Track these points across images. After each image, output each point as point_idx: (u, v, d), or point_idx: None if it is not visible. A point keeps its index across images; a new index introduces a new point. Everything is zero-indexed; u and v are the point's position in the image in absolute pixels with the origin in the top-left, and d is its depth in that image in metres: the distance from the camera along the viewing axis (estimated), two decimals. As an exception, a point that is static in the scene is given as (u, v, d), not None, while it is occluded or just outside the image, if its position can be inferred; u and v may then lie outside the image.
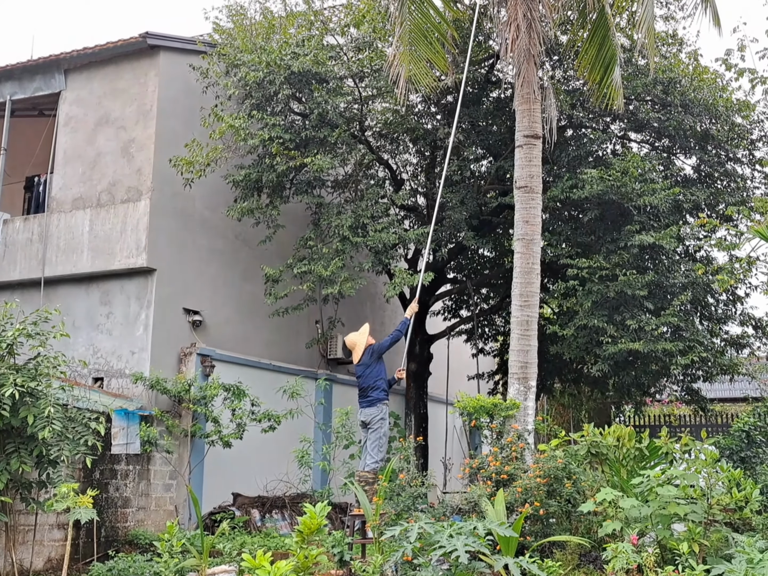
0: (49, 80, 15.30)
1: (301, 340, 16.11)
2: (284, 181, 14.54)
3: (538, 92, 11.57)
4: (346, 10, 15.07)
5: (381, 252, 14.14)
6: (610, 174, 13.69)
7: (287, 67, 13.77)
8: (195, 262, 14.57)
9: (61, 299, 13.87)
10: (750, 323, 15.75)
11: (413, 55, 11.88)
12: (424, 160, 16.90)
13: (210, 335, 14.49)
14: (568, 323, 14.20)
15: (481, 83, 15.71)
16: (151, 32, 14.31)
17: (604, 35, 12.22)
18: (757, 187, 15.83)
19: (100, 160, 14.60)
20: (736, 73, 14.99)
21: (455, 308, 19.15)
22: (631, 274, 13.43)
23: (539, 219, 11.47)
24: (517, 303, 11.05)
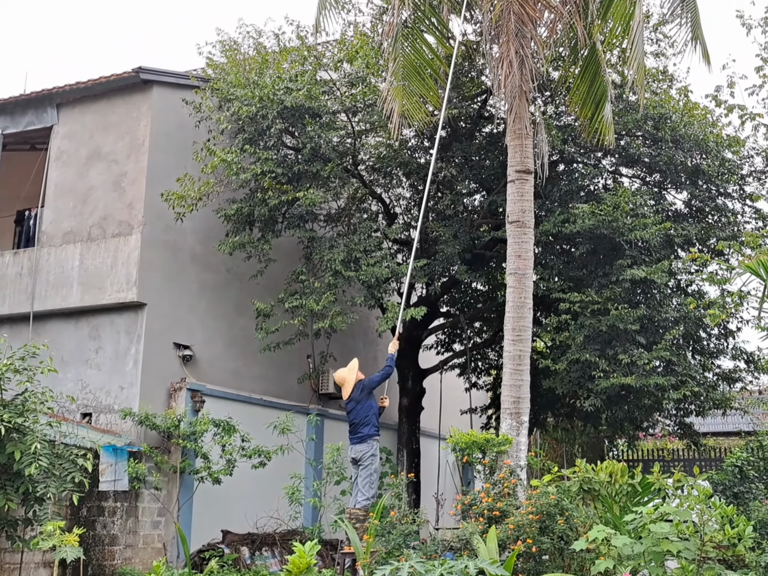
0: (41, 115, 15.33)
1: (292, 375, 16.00)
2: (276, 215, 14.54)
3: (530, 128, 11.63)
4: (339, 46, 15.18)
5: (373, 286, 14.11)
6: (601, 209, 13.73)
7: (280, 102, 13.83)
8: (186, 297, 14.50)
9: (50, 334, 13.78)
10: (742, 357, 15.71)
11: (406, 90, 11.94)
12: (417, 194, 16.93)
13: (200, 370, 14.38)
14: (560, 357, 14.15)
15: (474, 118, 15.80)
16: (144, 67, 14.38)
17: (595, 71, 12.32)
18: (747, 222, 15.89)
19: (92, 194, 14.59)
20: (725, 109, 15.12)
21: (448, 342, 19.08)
22: (623, 308, 13.42)
23: (531, 253, 11.47)
24: (509, 337, 11.00)
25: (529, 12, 10.95)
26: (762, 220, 15.66)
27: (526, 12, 10.91)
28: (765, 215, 15.63)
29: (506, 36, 11.07)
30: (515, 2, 10.81)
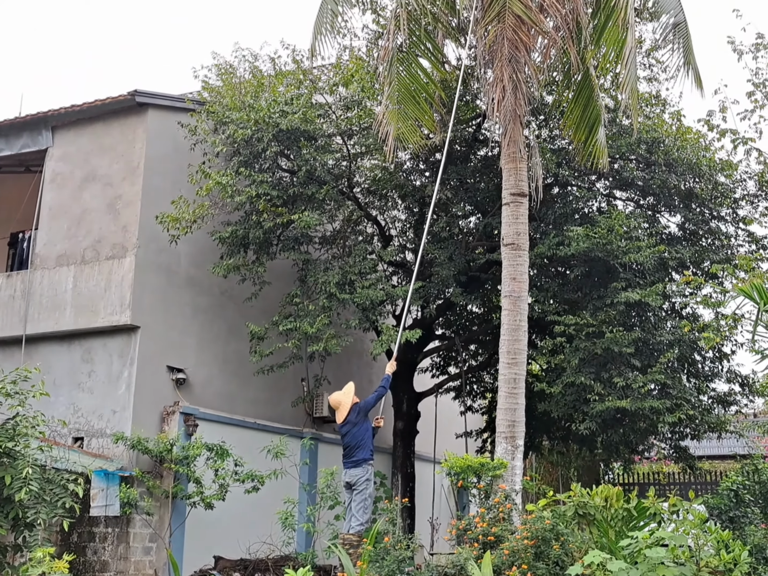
0: (36, 137, 15.34)
1: (286, 399, 15.93)
2: (271, 237, 14.53)
3: (524, 151, 11.67)
4: (335, 70, 15.24)
5: (368, 309, 14.08)
6: (595, 231, 13.76)
7: (276, 125, 13.86)
8: (180, 320, 14.46)
9: (42, 357, 13.70)
10: (736, 381, 15.71)
11: (401, 114, 11.99)
12: (412, 216, 16.96)
13: (194, 393, 14.31)
14: (555, 380, 14.12)
15: (469, 141, 15.86)
16: (140, 90, 14.42)
17: (588, 96, 12.39)
18: (740, 245, 15.93)
19: (86, 216, 14.57)
20: (718, 133, 15.19)
21: (443, 365, 19.04)
22: (618, 331, 13.42)
23: (526, 276, 11.47)
24: (504, 360, 10.98)
25: (522, 38, 11.01)
26: (755, 243, 15.71)
27: (519, 38, 10.98)
28: (758, 238, 15.69)
29: (500, 61, 11.13)
30: (509, 28, 10.88)
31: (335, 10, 12.20)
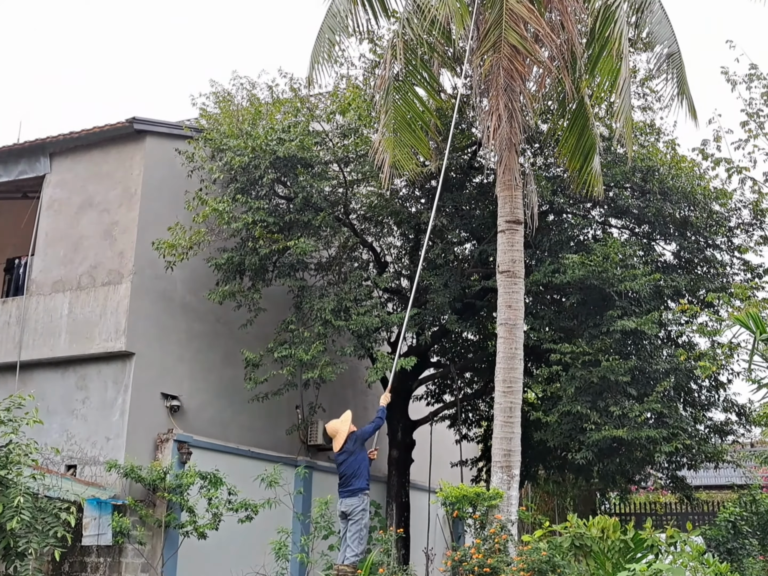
0: (34, 164, 15.37)
1: (281, 426, 15.84)
2: (267, 264, 14.53)
3: (519, 179, 11.73)
4: (332, 98, 15.32)
5: (363, 336, 14.06)
6: (591, 259, 13.78)
7: (273, 152, 13.92)
8: (174, 346, 14.41)
9: (36, 384, 13.64)
10: (733, 410, 15.66)
11: (398, 141, 12.05)
12: (408, 243, 16.99)
13: (188, 421, 14.23)
14: (551, 409, 14.07)
15: (464, 169, 15.93)
16: (138, 117, 14.48)
17: (583, 125, 12.47)
18: (736, 274, 15.96)
19: (82, 242, 14.57)
20: (712, 162, 15.27)
21: (438, 393, 18.96)
22: (614, 359, 13.40)
23: (522, 304, 11.48)
24: (500, 389, 10.95)
25: (518, 67, 11.10)
26: (750, 271, 15.73)
27: (514, 67, 11.06)
28: (753, 267, 15.72)
29: (495, 90, 11.21)
30: (504, 58, 10.96)
31: (332, 40, 12.29)
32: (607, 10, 11.11)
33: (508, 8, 10.89)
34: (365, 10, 12.37)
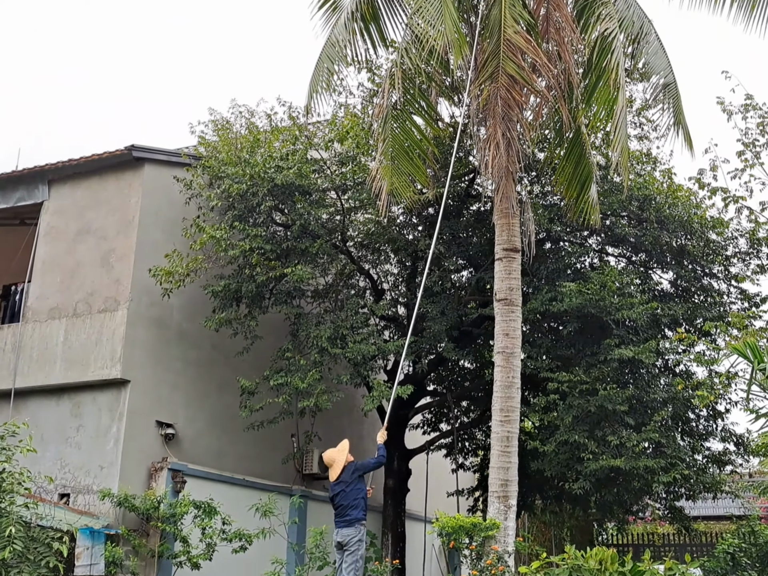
0: (32, 191, 15.39)
1: (276, 455, 15.72)
2: (263, 291, 14.51)
3: (516, 207, 11.74)
4: (330, 126, 15.39)
5: (360, 364, 14.00)
6: (588, 287, 13.77)
7: (271, 180, 13.95)
8: (170, 374, 14.35)
9: (31, 411, 13.56)
10: (731, 440, 15.56)
11: (395, 169, 12.08)
12: (405, 270, 16.99)
13: (182, 449, 14.12)
14: (549, 438, 13.99)
15: (462, 196, 15.97)
16: (136, 145, 14.52)
17: (580, 154, 12.52)
18: (733, 303, 15.94)
19: (79, 269, 14.55)
20: (709, 191, 15.32)
21: (435, 422, 18.87)
22: (612, 388, 13.35)
23: (519, 332, 11.44)
24: (497, 418, 10.88)
25: (515, 97, 11.15)
26: (747, 300, 15.72)
27: (512, 97, 11.12)
28: (750, 296, 15.71)
29: (493, 119, 11.26)
30: (502, 87, 11.02)
31: (331, 69, 12.35)
32: (604, 41, 11.18)
33: (506, 39, 10.96)
34: (364, 40, 12.45)
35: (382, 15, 12.35)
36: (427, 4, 10.37)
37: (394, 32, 12.59)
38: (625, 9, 11.75)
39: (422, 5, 10.44)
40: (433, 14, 10.28)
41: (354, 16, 11.95)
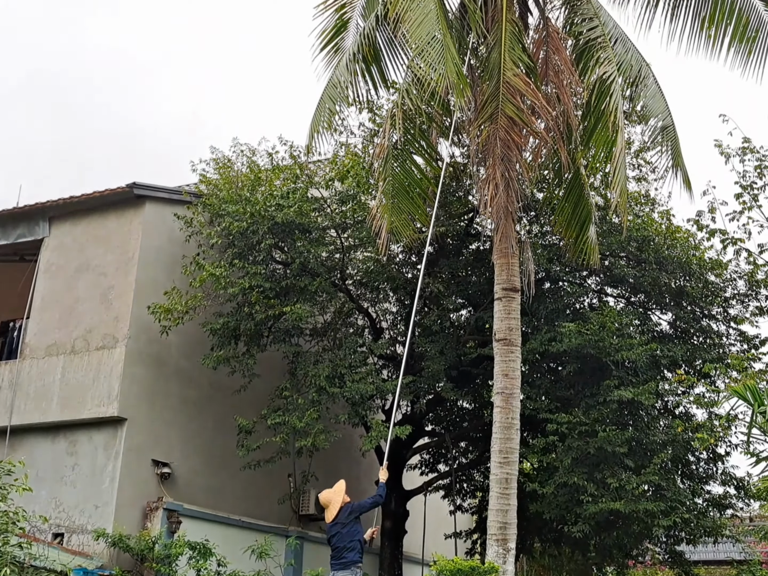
0: (33, 227, 15.43)
1: (272, 495, 15.57)
2: (262, 329, 14.48)
3: (516, 247, 11.77)
4: (331, 165, 15.48)
5: (358, 403, 13.93)
6: (587, 328, 13.75)
7: (271, 218, 14.00)
8: (167, 412, 14.27)
9: (26, 449, 13.46)
10: (732, 483, 15.43)
11: (395, 208, 12.13)
12: (404, 309, 16.97)
13: (178, 488, 13.99)
14: (548, 480, 13.87)
15: (461, 235, 16.02)
16: (138, 183, 14.60)
17: (579, 194, 12.59)
18: (732, 344, 15.92)
19: (78, 306, 14.54)
20: (707, 233, 15.37)
21: (433, 462, 18.71)
22: (611, 430, 13.27)
23: (518, 372, 11.40)
24: (496, 460, 10.80)
25: (514, 138, 11.24)
26: (747, 342, 15.70)
27: (511, 138, 11.20)
28: (749, 338, 15.69)
29: (492, 160, 11.33)
30: (501, 129, 11.11)
31: (332, 109, 12.45)
32: (603, 84, 11.29)
33: (505, 81, 11.08)
34: (365, 80, 12.57)
35: (383, 57, 12.48)
36: (428, 47, 10.48)
37: (395, 73, 12.73)
38: (624, 53, 11.89)
39: (424, 48, 10.55)
40: (435, 57, 10.38)
41: (355, 57, 12.08)
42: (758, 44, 11.83)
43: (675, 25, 12.15)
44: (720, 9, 11.86)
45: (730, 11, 11.84)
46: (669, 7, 12.12)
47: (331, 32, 12.81)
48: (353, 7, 12.86)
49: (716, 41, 12.04)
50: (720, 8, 11.86)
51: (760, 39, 11.81)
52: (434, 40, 10.45)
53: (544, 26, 12.44)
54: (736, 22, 11.84)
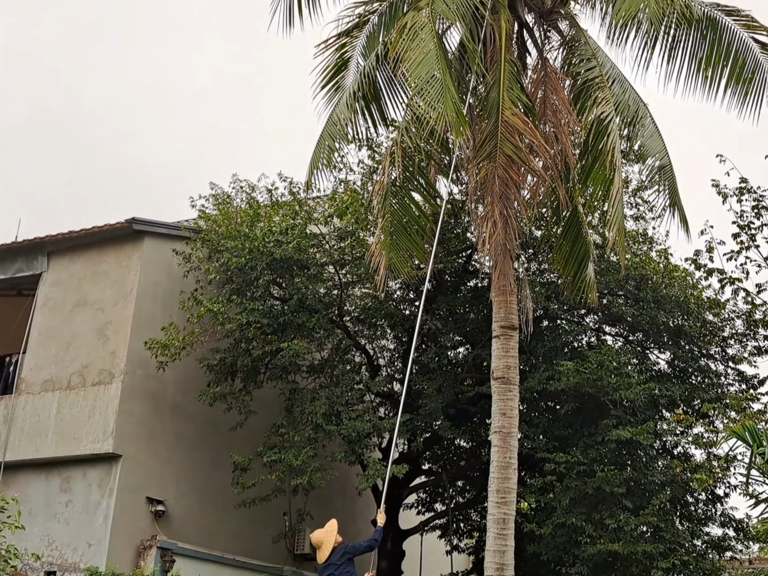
0: (31, 262, 15.43)
1: (267, 534, 15.38)
2: (259, 365, 14.43)
3: (514, 284, 11.75)
4: (330, 202, 15.54)
5: (354, 441, 13.84)
6: (585, 366, 13.71)
7: (269, 254, 14.01)
8: (162, 448, 14.15)
9: (20, 485, 13.35)
10: (731, 525, 15.28)
11: (393, 244, 12.14)
12: (401, 346, 16.92)
13: (172, 526, 13.84)
14: (545, 521, 13.73)
15: (459, 272, 16.02)
16: (137, 218, 14.64)
17: (577, 232, 12.61)
18: (731, 384, 15.88)
19: (75, 341, 14.49)
20: (705, 272, 15.40)
21: (430, 501, 18.51)
22: (609, 470, 13.17)
23: (516, 411, 11.31)
24: (493, 500, 10.68)
25: (512, 176, 11.28)
26: (745, 382, 15.65)
27: (510, 176, 11.24)
28: (748, 378, 15.65)
29: (491, 197, 11.36)
30: (500, 167, 11.15)
31: (332, 146, 12.51)
32: (600, 124, 11.37)
33: (504, 120, 11.15)
34: (365, 118, 12.65)
35: (383, 95, 12.58)
36: (428, 86, 10.56)
37: (394, 111, 12.81)
38: (621, 93, 11.98)
39: (423, 87, 10.62)
40: (434, 96, 10.45)
41: (356, 95, 12.17)
42: (754, 85, 11.92)
43: (672, 65, 12.26)
44: (716, 50, 11.97)
45: (726, 53, 11.95)
46: (666, 47, 12.23)
47: (332, 71, 12.93)
48: (354, 47, 13.00)
49: (713, 82, 12.14)
50: (716, 50, 11.97)
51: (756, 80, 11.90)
52: (434, 80, 10.53)
53: (543, 66, 12.56)
54: (732, 64, 11.95)
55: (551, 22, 12.58)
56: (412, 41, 10.82)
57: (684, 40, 12.09)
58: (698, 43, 12.10)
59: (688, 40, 12.08)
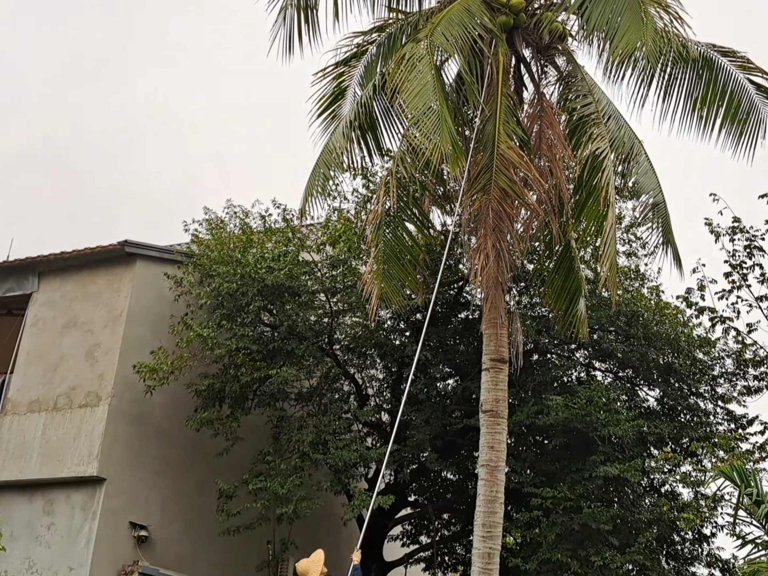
0: (22, 282, 15.37)
1: (250, 562, 15.19)
2: (247, 392, 14.35)
3: (505, 317, 11.74)
4: (323, 229, 15.55)
5: (341, 471, 13.74)
6: (574, 401, 13.68)
7: (261, 280, 13.98)
8: (147, 473, 14.02)
9: (2, 507, 13.24)
10: (717, 565, 15.19)
11: (386, 274, 12.13)
12: (390, 376, 16.86)
13: (155, 552, 13.67)
14: (531, 556, 13.62)
15: (450, 304, 16.02)
16: (129, 240, 14.62)
17: (569, 267, 12.63)
18: (719, 423, 15.85)
19: (63, 363, 14.40)
20: (696, 310, 15.45)
21: (415, 534, 18.34)
22: (596, 506, 13.09)
23: (504, 445, 11.26)
24: (479, 533, 10.59)
25: (506, 209, 11.32)
26: (734, 422, 15.64)
27: (503, 209, 11.28)
28: (737, 417, 15.63)
29: (484, 230, 11.38)
30: (494, 200, 11.19)
31: (327, 174, 12.55)
32: (595, 160, 11.42)
33: (499, 153, 11.20)
34: (360, 148, 12.71)
35: (379, 125, 12.64)
36: (424, 117, 10.60)
37: (390, 141, 12.89)
38: (617, 130, 12.07)
39: (420, 118, 10.66)
40: (431, 127, 10.50)
41: (352, 124, 12.22)
42: (749, 126, 12.04)
43: (668, 104, 12.37)
44: (712, 90, 12.09)
45: (722, 93, 12.07)
46: (662, 86, 12.35)
47: (328, 99, 13.00)
48: (351, 76, 13.08)
49: (708, 122, 12.25)
50: (712, 89, 12.09)
51: (751, 121, 12.02)
52: (430, 111, 10.58)
53: (539, 101, 12.65)
54: (728, 104, 12.06)
55: (548, 57, 12.68)
56: (409, 72, 10.88)
57: (680, 79, 12.22)
58: (694, 82, 12.22)
59: (684, 79, 12.21)
